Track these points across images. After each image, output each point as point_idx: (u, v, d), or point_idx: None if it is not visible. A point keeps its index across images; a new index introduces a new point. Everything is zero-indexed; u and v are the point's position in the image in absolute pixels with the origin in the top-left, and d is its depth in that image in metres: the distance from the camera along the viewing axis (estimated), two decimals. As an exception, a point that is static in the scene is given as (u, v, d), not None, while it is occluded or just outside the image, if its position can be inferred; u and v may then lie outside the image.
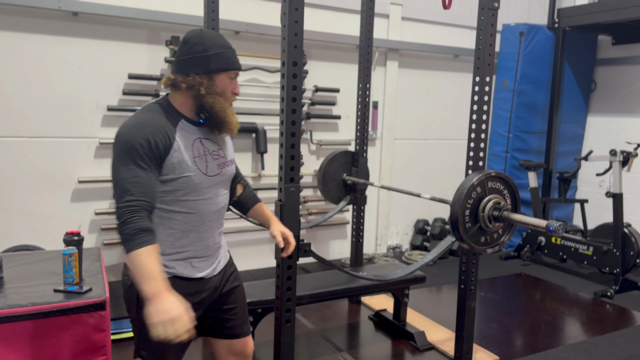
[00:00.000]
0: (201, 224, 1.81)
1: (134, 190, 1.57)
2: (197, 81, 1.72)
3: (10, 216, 3.71)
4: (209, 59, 1.73)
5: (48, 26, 3.68)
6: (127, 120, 1.69)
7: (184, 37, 1.77)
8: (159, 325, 1.50)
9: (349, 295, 3.30)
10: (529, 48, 5.41)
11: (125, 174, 1.59)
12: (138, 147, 1.60)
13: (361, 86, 3.77)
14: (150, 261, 1.54)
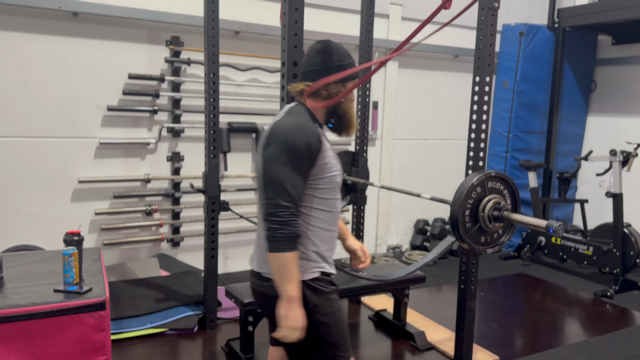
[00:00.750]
0: (335, 222, 1.89)
1: (294, 194, 1.65)
2: (337, 89, 1.82)
3: (10, 216, 3.71)
4: (342, 69, 1.84)
5: (48, 26, 3.68)
6: (284, 121, 1.73)
7: (317, 48, 1.85)
8: (287, 329, 1.65)
9: (349, 295, 3.30)
10: (529, 48, 5.40)
11: (285, 175, 1.65)
12: (299, 150, 1.67)
13: (361, 86, 3.77)
14: (296, 266, 1.66)
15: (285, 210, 1.63)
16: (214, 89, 3.22)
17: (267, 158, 1.68)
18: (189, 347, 3.14)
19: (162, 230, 4.23)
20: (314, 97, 1.82)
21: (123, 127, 4.02)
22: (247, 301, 2.80)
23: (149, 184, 4.13)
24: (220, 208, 3.31)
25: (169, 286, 3.70)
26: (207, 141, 3.27)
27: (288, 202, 1.63)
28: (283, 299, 1.65)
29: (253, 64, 4.40)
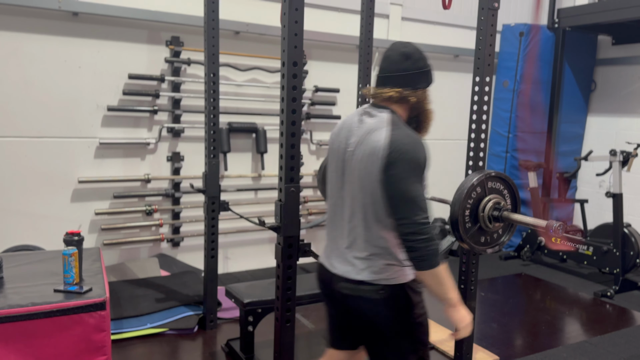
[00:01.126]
0: None
1: (427, 209, 1.69)
2: (424, 94, 1.84)
3: (10, 216, 3.71)
4: (428, 74, 1.86)
5: (48, 26, 3.68)
6: (399, 136, 1.71)
7: (403, 52, 1.83)
8: (465, 328, 1.81)
9: (349, 295, 3.29)
10: (529, 48, 5.40)
11: (417, 192, 1.67)
12: (422, 165, 1.71)
13: (361, 86, 3.77)
14: (449, 274, 1.72)
15: (425, 226, 1.64)
16: (214, 89, 3.22)
17: (397, 177, 1.67)
18: (189, 347, 3.14)
19: (162, 230, 4.23)
20: (402, 102, 1.82)
21: (123, 127, 4.02)
22: (247, 301, 2.80)
23: (149, 184, 4.13)
24: (220, 208, 3.31)
25: (169, 286, 3.70)
26: (207, 141, 3.26)
27: (424, 218, 1.65)
28: (450, 306, 1.79)
29: (253, 64, 4.40)
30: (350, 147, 1.81)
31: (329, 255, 1.93)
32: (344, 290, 1.83)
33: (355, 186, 1.78)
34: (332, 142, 1.94)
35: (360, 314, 1.84)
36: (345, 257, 1.84)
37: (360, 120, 1.85)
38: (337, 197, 1.88)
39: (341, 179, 1.86)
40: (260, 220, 2.32)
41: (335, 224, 1.90)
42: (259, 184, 4.62)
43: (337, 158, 1.88)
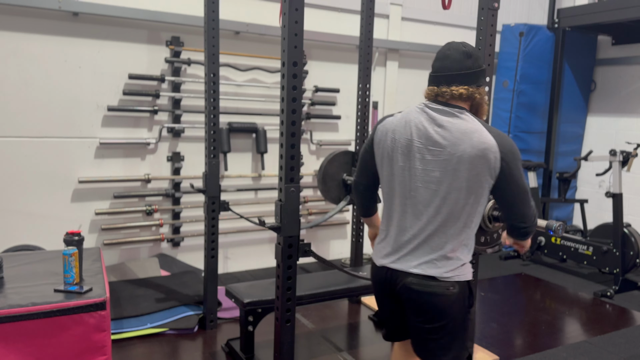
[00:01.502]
0: None
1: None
2: (485, 92, 1.92)
3: (10, 216, 3.71)
4: (485, 72, 1.95)
5: (48, 26, 3.68)
6: (502, 135, 1.80)
7: (464, 51, 1.92)
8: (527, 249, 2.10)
9: (349, 295, 3.30)
10: (529, 48, 5.40)
11: (527, 186, 1.85)
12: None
13: (361, 86, 3.77)
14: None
15: (535, 215, 1.88)
16: (214, 89, 3.22)
17: (517, 177, 1.79)
18: (189, 347, 3.14)
19: (162, 230, 4.23)
20: (468, 100, 1.87)
21: (123, 127, 4.02)
22: (247, 301, 2.80)
23: (149, 184, 4.13)
24: (220, 208, 3.31)
25: (169, 286, 3.70)
26: (207, 141, 3.27)
27: (534, 208, 1.87)
28: (526, 244, 2.06)
29: (253, 64, 4.40)
30: (435, 146, 1.79)
31: (394, 253, 1.90)
32: (414, 286, 1.84)
33: (451, 185, 1.77)
34: (392, 139, 1.89)
35: (429, 309, 1.85)
36: (422, 254, 1.84)
37: (431, 119, 1.85)
38: (408, 195, 1.86)
39: (421, 177, 1.82)
40: (260, 220, 2.32)
41: (406, 222, 1.87)
42: (259, 184, 4.62)
43: (408, 155, 1.85)
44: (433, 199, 1.81)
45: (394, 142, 1.89)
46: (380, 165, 1.97)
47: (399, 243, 1.90)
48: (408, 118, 1.91)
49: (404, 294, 1.88)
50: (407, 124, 1.88)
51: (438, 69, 1.93)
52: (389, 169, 1.92)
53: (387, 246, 1.94)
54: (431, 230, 1.82)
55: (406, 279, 1.86)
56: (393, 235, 1.93)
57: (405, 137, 1.86)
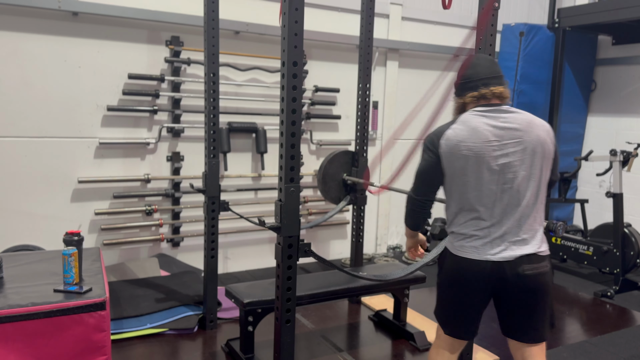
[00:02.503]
0: None
1: None
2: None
3: (10, 216, 3.71)
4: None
5: (48, 26, 3.68)
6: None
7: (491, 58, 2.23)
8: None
9: (349, 295, 3.30)
10: (529, 48, 5.40)
11: None
12: None
13: (361, 86, 3.77)
14: None
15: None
16: (214, 89, 3.22)
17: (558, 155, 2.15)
18: (189, 347, 3.14)
19: (162, 230, 4.23)
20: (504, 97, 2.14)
21: (123, 127, 4.02)
22: (247, 301, 2.80)
23: (149, 184, 4.13)
24: (220, 208, 3.31)
25: (169, 286, 3.70)
26: (207, 141, 3.26)
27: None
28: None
29: (253, 64, 4.40)
30: (513, 139, 2.01)
31: (498, 244, 2.02)
32: (529, 271, 2.00)
33: (537, 167, 2.02)
34: (467, 148, 2.02)
35: (542, 288, 2.04)
36: (528, 237, 2.03)
37: (495, 118, 2.05)
38: (502, 189, 2.01)
39: (510, 169, 2.00)
40: (260, 220, 2.32)
41: (504, 213, 2.02)
42: (259, 184, 4.62)
43: (492, 155, 2.00)
44: (527, 184, 2.02)
45: (472, 149, 2.01)
46: (461, 174, 2.05)
47: (500, 234, 2.02)
48: (472, 124, 2.05)
49: (516, 282, 2.01)
50: (475, 129, 2.03)
51: (472, 75, 2.14)
52: (475, 174, 2.03)
53: (485, 241, 2.04)
54: (529, 213, 2.03)
55: (520, 267, 2.00)
56: (491, 229, 2.03)
57: (482, 141, 2.01)
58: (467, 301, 2.11)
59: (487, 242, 2.03)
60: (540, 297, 2.05)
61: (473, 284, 2.06)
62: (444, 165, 2.08)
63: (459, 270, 2.08)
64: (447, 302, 2.18)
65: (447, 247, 2.16)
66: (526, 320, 2.08)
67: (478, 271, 2.03)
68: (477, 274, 2.04)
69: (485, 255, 2.03)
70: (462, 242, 2.08)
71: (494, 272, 2.01)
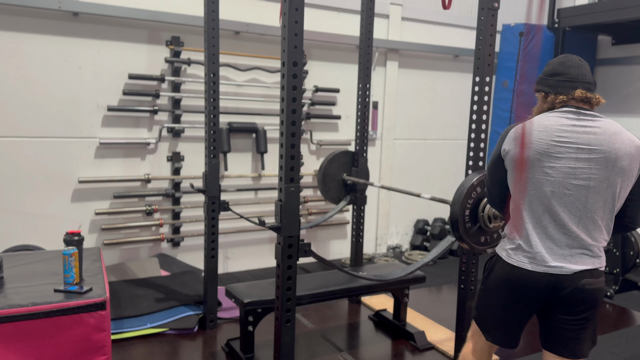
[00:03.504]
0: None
1: None
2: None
3: (10, 216, 3.71)
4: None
5: (48, 26, 3.68)
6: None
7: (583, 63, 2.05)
8: None
9: (349, 295, 3.30)
10: (529, 48, 5.40)
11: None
12: None
13: (361, 86, 3.77)
14: None
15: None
16: (214, 89, 3.22)
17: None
18: (189, 347, 3.14)
19: (162, 230, 4.23)
20: (593, 104, 2.03)
21: (123, 127, 4.02)
22: (247, 301, 2.80)
23: (149, 184, 4.14)
24: (220, 208, 3.31)
25: (169, 286, 3.70)
26: (207, 141, 3.27)
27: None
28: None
29: (253, 64, 4.40)
30: (588, 145, 1.89)
31: (557, 256, 1.91)
32: (588, 286, 1.91)
33: (611, 181, 1.90)
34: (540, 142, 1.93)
35: (594, 302, 1.96)
36: (588, 251, 1.93)
37: (581, 122, 1.93)
38: (563, 194, 1.90)
39: (576, 176, 1.89)
40: (260, 220, 2.32)
41: (564, 223, 1.90)
42: (259, 184, 4.62)
43: (559, 158, 1.90)
44: (600, 196, 1.90)
45: (534, 148, 1.94)
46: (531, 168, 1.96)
47: (559, 245, 1.92)
48: (545, 122, 1.98)
49: (572, 296, 1.92)
50: (546, 127, 1.95)
51: (584, 75, 2.01)
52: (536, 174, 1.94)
53: (541, 251, 1.93)
54: (589, 225, 1.92)
55: (579, 281, 1.90)
56: (548, 239, 1.93)
57: (549, 139, 1.92)
58: (510, 308, 2.05)
59: (541, 250, 1.93)
60: (592, 311, 1.97)
61: (520, 292, 1.99)
62: (506, 162, 2.01)
63: (515, 278, 1.98)
64: (496, 308, 2.09)
65: (499, 254, 2.07)
66: (572, 338, 1.99)
67: (533, 281, 1.95)
68: (525, 281, 1.96)
69: (538, 266, 1.93)
70: (514, 246, 1.99)
71: (549, 285, 1.92)
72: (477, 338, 2.17)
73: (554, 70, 2.05)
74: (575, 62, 2.03)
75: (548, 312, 2.01)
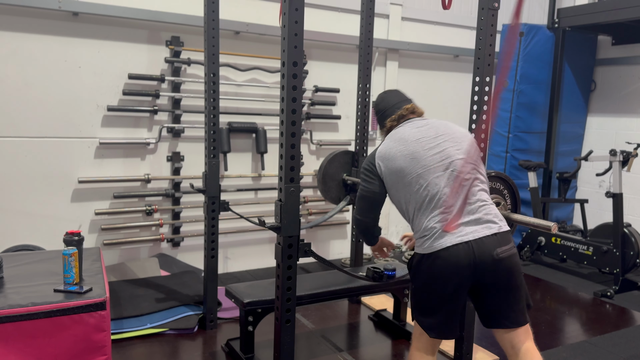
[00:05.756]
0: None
1: None
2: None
3: (10, 216, 3.71)
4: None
5: (48, 26, 3.68)
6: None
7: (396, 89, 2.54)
8: None
9: (349, 295, 3.30)
10: (529, 48, 5.40)
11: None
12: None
13: (361, 86, 3.77)
14: None
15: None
16: (214, 89, 3.22)
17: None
18: (189, 347, 3.14)
19: (162, 230, 4.23)
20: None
21: (123, 127, 4.02)
22: (247, 301, 2.80)
23: (149, 184, 4.13)
24: (220, 208, 3.31)
25: (169, 286, 3.70)
26: (207, 141, 3.27)
27: None
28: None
29: (253, 64, 4.40)
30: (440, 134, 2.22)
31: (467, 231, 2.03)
32: (503, 254, 2.03)
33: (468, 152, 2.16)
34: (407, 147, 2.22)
35: (513, 270, 2.07)
36: (486, 220, 2.06)
37: (423, 124, 2.31)
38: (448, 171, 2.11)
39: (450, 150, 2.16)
40: (260, 220, 2.32)
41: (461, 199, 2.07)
42: (259, 184, 4.62)
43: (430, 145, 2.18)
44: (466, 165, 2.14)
45: (405, 152, 2.21)
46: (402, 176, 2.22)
47: (465, 220, 2.06)
48: (398, 135, 2.35)
49: (490, 268, 2.03)
50: (402, 136, 2.31)
51: (385, 106, 2.47)
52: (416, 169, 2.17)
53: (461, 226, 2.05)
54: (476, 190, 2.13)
55: (494, 251, 2.02)
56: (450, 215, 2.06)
57: (413, 140, 2.23)
58: (449, 292, 2.09)
59: (459, 224, 2.06)
60: (518, 277, 2.09)
61: (451, 272, 2.05)
62: (387, 181, 2.23)
63: (438, 266, 2.06)
64: (431, 303, 2.15)
65: (417, 252, 2.19)
66: (509, 309, 2.10)
67: (455, 261, 2.02)
68: (454, 263, 2.02)
69: (455, 239, 2.03)
70: (432, 239, 2.09)
71: (468, 256, 2.01)
72: (419, 336, 2.23)
73: (379, 108, 2.50)
74: (389, 91, 2.51)
75: (477, 289, 2.12)
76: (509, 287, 2.07)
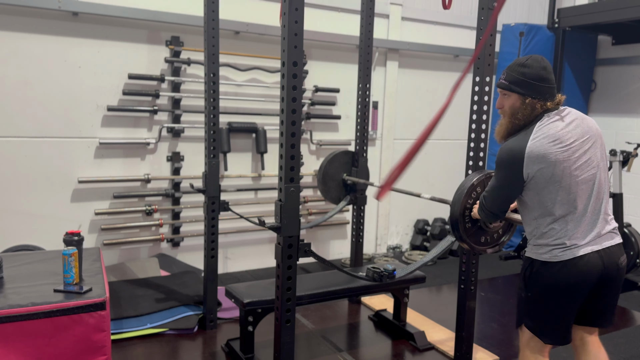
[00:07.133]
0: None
1: None
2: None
3: (10, 216, 3.71)
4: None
5: (48, 26, 3.68)
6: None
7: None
8: None
9: (349, 295, 3.30)
10: (529, 48, 5.40)
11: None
12: None
13: (361, 86, 3.77)
14: None
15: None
16: (214, 89, 3.22)
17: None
18: (189, 347, 3.14)
19: (162, 230, 4.23)
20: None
21: (123, 127, 4.02)
22: (247, 301, 2.80)
23: (149, 184, 4.13)
24: (220, 208, 3.31)
25: (169, 286, 3.70)
26: (207, 141, 3.27)
27: None
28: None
29: (253, 64, 4.40)
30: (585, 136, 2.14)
31: (597, 241, 2.08)
32: (623, 263, 2.15)
33: (604, 156, 2.16)
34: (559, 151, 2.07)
35: (623, 278, 2.19)
36: (611, 230, 2.13)
37: (567, 120, 2.21)
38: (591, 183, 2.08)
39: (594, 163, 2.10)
40: (260, 220, 2.32)
41: (595, 210, 2.09)
42: (259, 184, 4.62)
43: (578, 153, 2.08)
44: (603, 176, 2.14)
45: (558, 156, 2.05)
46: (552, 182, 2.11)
47: (596, 230, 2.09)
48: (551, 132, 2.12)
49: (617, 272, 2.13)
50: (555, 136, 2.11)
51: (551, 80, 2.24)
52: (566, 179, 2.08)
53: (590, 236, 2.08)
54: (607, 205, 2.16)
55: (619, 259, 2.12)
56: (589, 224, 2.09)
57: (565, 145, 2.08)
58: (574, 305, 2.12)
59: (589, 234, 2.08)
60: (621, 286, 2.21)
61: (584, 283, 2.07)
62: (531, 183, 2.06)
63: (570, 274, 2.05)
64: (556, 311, 2.12)
65: (538, 259, 2.11)
66: (609, 313, 2.21)
67: (587, 269, 2.04)
68: (587, 272, 2.04)
69: (588, 247, 2.06)
70: (563, 248, 2.06)
71: (598, 265, 2.06)
72: (534, 344, 2.20)
73: (540, 76, 2.15)
74: (550, 66, 2.21)
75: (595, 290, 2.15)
76: (618, 293, 2.20)
